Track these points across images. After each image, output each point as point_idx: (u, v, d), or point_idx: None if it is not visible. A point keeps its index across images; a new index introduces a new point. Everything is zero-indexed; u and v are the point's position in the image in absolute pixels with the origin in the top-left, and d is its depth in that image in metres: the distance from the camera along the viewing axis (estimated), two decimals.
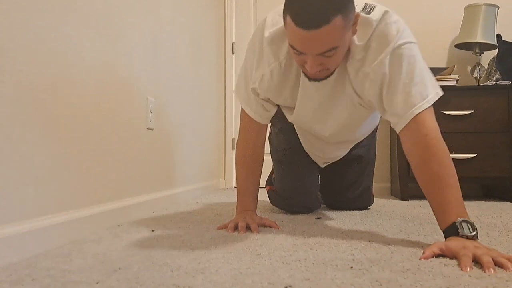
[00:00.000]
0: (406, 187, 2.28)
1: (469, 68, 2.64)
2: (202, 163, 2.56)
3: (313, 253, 0.90)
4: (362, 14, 1.03)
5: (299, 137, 1.51)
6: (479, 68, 2.49)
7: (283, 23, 1.03)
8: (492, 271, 0.74)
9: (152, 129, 1.71)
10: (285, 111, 1.35)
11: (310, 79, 1.08)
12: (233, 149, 3.14)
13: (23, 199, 0.91)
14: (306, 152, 1.55)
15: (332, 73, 1.07)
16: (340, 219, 1.44)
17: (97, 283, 0.69)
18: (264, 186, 1.73)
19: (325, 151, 1.52)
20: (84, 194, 1.17)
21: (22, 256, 0.87)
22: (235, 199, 1.32)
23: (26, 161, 0.92)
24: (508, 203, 2.10)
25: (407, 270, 0.76)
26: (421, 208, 1.81)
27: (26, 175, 0.92)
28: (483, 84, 2.41)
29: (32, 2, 0.94)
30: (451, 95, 2.26)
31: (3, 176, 0.85)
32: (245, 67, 1.24)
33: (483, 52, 2.53)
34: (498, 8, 2.46)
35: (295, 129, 1.49)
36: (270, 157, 1.65)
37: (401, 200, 2.25)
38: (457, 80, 2.32)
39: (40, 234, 0.93)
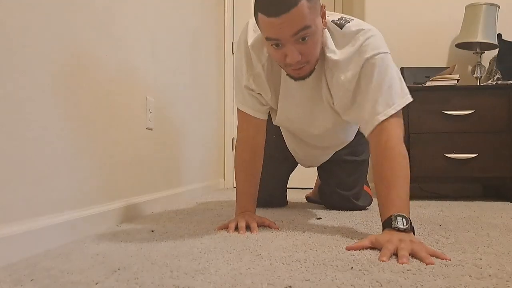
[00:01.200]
0: None
1: (469, 68, 2.64)
2: (201, 163, 2.56)
3: (313, 253, 0.90)
4: (337, 23, 1.14)
5: (285, 140, 1.62)
6: (479, 68, 2.48)
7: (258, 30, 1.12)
8: (404, 260, 0.80)
9: (151, 129, 1.71)
10: (271, 113, 1.38)
11: (295, 78, 1.13)
12: (233, 149, 3.14)
13: (23, 199, 0.90)
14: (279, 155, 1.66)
15: (313, 70, 1.11)
16: (340, 219, 1.44)
17: (97, 283, 0.69)
18: None
19: (309, 154, 1.62)
20: (84, 194, 1.17)
21: (21, 256, 0.86)
22: (235, 199, 1.32)
23: (26, 161, 0.92)
24: (508, 203, 2.09)
25: (408, 270, 0.76)
26: (421, 209, 1.81)
27: (26, 175, 0.92)
28: (484, 84, 2.41)
29: (31, 1, 0.94)
30: (451, 95, 2.26)
31: (3, 176, 0.84)
32: (236, 70, 1.28)
33: (484, 52, 2.53)
34: (499, 7, 2.46)
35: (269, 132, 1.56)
36: None
37: None
38: (458, 80, 2.32)
39: (40, 234, 0.93)
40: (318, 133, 1.38)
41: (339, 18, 1.15)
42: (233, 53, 3.11)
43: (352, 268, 0.78)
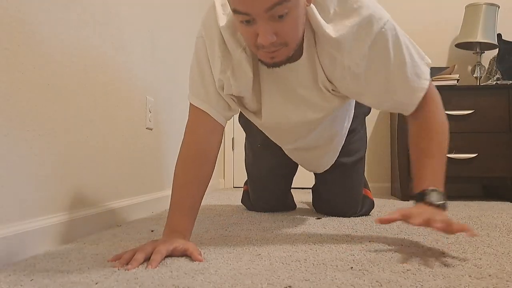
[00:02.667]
0: (407, 187, 2.27)
1: (469, 68, 2.64)
2: None
3: (313, 253, 0.90)
4: None
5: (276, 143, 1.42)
6: (479, 68, 2.49)
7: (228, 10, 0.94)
8: (438, 225, 0.79)
9: (151, 129, 1.71)
10: (252, 116, 1.15)
11: (269, 65, 0.92)
12: (233, 149, 3.14)
13: (22, 199, 0.90)
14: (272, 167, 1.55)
15: (294, 56, 0.92)
16: (340, 219, 1.44)
17: (96, 283, 0.69)
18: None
19: (303, 158, 1.46)
20: (84, 194, 1.17)
21: (21, 257, 0.86)
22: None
23: (26, 161, 0.92)
24: (508, 203, 2.09)
25: (407, 270, 0.76)
26: None
27: (26, 175, 0.92)
28: (484, 83, 2.41)
29: (30, 1, 0.94)
30: (451, 95, 2.26)
31: (2, 176, 0.84)
32: (200, 60, 1.02)
33: (484, 52, 2.53)
34: (499, 7, 2.46)
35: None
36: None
37: (402, 200, 2.25)
38: (458, 80, 2.32)
39: (39, 234, 0.93)
40: (310, 125, 1.18)
41: None
42: None
43: (352, 268, 0.78)
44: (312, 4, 0.90)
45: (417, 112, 1.00)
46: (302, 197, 2.24)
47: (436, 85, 2.40)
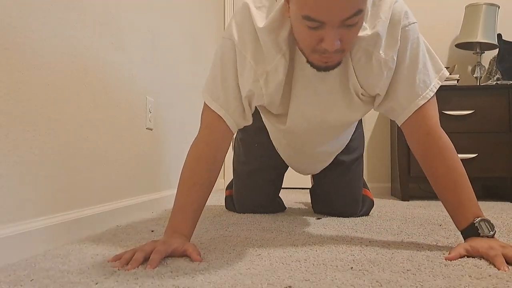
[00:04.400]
0: (407, 187, 2.27)
1: (469, 68, 2.64)
2: None
3: (313, 253, 0.90)
4: None
5: (278, 148, 1.45)
6: (479, 68, 2.49)
7: (271, 10, 0.93)
8: None
9: (151, 129, 1.71)
10: (274, 120, 1.15)
11: (319, 68, 0.91)
12: (233, 149, 3.13)
13: (22, 199, 0.90)
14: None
15: (341, 61, 0.92)
16: (340, 219, 1.43)
17: (96, 283, 0.69)
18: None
19: (306, 162, 1.45)
20: (83, 194, 1.17)
21: (21, 257, 0.86)
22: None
23: (26, 161, 0.92)
24: (508, 203, 2.09)
25: (408, 270, 0.76)
26: (421, 209, 1.81)
27: (26, 175, 0.92)
28: (484, 84, 2.41)
29: (30, 1, 0.94)
30: (451, 95, 2.26)
31: (2, 176, 0.84)
32: (225, 63, 0.99)
33: (484, 52, 2.53)
34: (499, 7, 2.46)
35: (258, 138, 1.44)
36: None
37: (402, 200, 2.25)
38: (458, 80, 2.32)
39: (39, 235, 0.93)
40: (329, 132, 1.19)
41: None
42: None
43: (352, 268, 0.78)
44: None
45: (415, 128, 0.98)
46: (301, 198, 2.24)
47: None
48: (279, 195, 1.69)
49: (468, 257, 0.85)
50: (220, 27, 3.10)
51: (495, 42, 2.42)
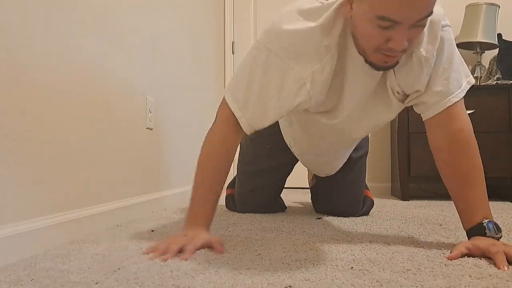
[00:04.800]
0: (407, 187, 2.27)
1: (469, 68, 2.64)
2: None
3: (313, 253, 0.90)
4: None
5: (300, 148, 1.43)
6: (479, 68, 2.48)
7: (318, 15, 0.93)
8: None
9: (151, 129, 1.71)
10: (319, 116, 1.14)
11: (379, 68, 0.93)
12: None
13: (22, 199, 0.90)
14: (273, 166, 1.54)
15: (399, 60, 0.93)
16: (340, 219, 1.44)
17: (96, 283, 0.69)
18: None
19: (324, 162, 1.44)
20: (83, 194, 1.17)
21: (21, 256, 0.86)
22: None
23: (26, 161, 0.92)
24: (509, 203, 2.09)
25: (408, 270, 0.76)
26: (421, 208, 1.81)
27: (26, 175, 0.92)
28: (484, 83, 2.41)
29: (30, 1, 0.94)
30: None
31: (2, 176, 0.84)
32: (253, 69, 0.99)
33: (484, 52, 2.53)
34: (499, 7, 2.46)
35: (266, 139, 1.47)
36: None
37: (402, 200, 2.25)
38: None
39: (39, 234, 0.93)
40: (361, 130, 1.19)
41: None
42: (233, 53, 3.10)
43: (352, 268, 0.78)
44: None
45: (448, 123, 0.98)
46: (301, 197, 2.24)
47: None
48: (280, 195, 1.69)
49: (469, 256, 0.86)
50: (220, 27, 3.10)
51: (495, 42, 2.42)
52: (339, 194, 1.50)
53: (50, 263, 0.82)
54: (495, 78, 2.43)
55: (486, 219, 0.91)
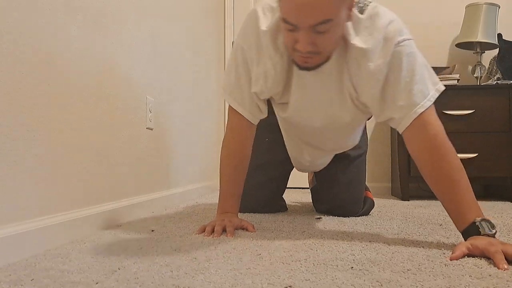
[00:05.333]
0: (407, 187, 2.27)
1: (469, 68, 2.64)
2: (202, 163, 2.56)
3: (313, 253, 0.90)
4: (356, 9, 1.02)
5: (286, 143, 1.50)
6: (480, 68, 2.48)
7: (276, 13, 1.05)
8: None
9: (151, 129, 1.71)
10: (278, 108, 1.27)
11: (300, 67, 1.03)
12: None
13: (22, 199, 0.90)
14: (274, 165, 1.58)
15: (324, 62, 1.02)
16: (340, 219, 1.44)
17: (97, 283, 0.69)
18: None
19: (313, 156, 1.47)
20: (84, 194, 1.17)
21: (21, 256, 0.86)
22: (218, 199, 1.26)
23: (26, 161, 0.92)
24: (509, 203, 2.09)
25: (408, 270, 0.76)
26: (421, 208, 1.81)
27: (26, 175, 0.92)
28: (484, 83, 2.41)
29: (31, 1, 0.94)
30: (451, 95, 2.26)
31: (2, 176, 0.84)
32: (237, 65, 1.15)
33: (484, 52, 2.53)
34: (499, 7, 2.46)
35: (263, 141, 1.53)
36: None
37: (402, 200, 2.25)
38: (458, 80, 2.32)
39: (39, 234, 0.93)
40: (332, 130, 1.27)
41: (357, 1, 1.04)
42: None
43: (352, 268, 0.78)
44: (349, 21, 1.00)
45: (421, 132, 1.01)
46: (301, 197, 2.24)
47: None
48: (283, 196, 1.70)
49: (469, 256, 0.86)
50: (220, 27, 3.10)
51: (495, 41, 2.42)
52: (338, 194, 1.50)
53: (50, 263, 0.82)
54: (495, 78, 2.43)
55: (478, 217, 0.92)
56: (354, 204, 1.51)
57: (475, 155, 2.20)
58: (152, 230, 1.19)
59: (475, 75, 2.49)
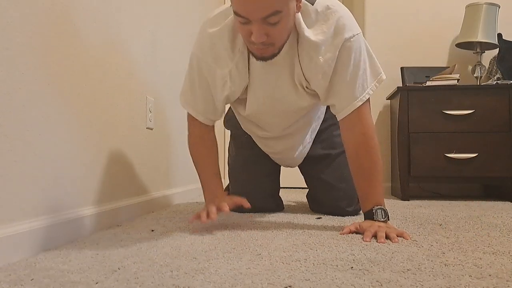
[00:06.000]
0: (407, 187, 2.27)
1: (469, 68, 2.64)
2: None
3: (313, 253, 0.90)
4: (305, 1, 1.09)
5: (255, 140, 1.54)
6: (480, 68, 2.48)
7: (228, 15, 1.11)
8: (382, 240, 1.01)
9: (151, 129, 1.71)
10: (238, 106, 1.35)
11: (257, 58, 1.09)
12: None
13: (22, 199, 0.90)
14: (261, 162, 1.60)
15: (278, 52, 1.08)
16: (340, 219, 1.44)
17: (97, 283, 0.69)
18: None
19: (278, 148, 1.50)
20: (84, 194, 1.17)
21: (21, 256, 0.86)
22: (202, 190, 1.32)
23: (26, 161, 0.92)
24: (509, 203, 2.09)
25: (408, 270, 0.76)
26: (421, 208, 1.81)
27: (26, 175, 0.92)
28: (484, 83, 2.41)
29: (31, 0, 0.94)
30: (452, 95, 2.26)
31: (2, 176, 0.84)
32: (191, 72, 1.24)
33: (484, 52, 2.53)
34: (499, 7, 2.46)
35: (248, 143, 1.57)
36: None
37: (402, 200, 2.25)
38: (458, 80, 2.32)
39: (39, 234, 0.93)
40: (290, 118, 1.33)
41: None
42: None
43: (352, 268, 0.78)
44: (299, 12, 1.08)
45: (354, 127, 1.17)
46: (301, 197, 2.24)
47: (436, 85, 2.40)
48: (280, 195, 1.70)
49: (357, 233, 1.11)
50: None
51: (495, 41, 2.42)
52: (324, 191, 1.54)
53: (50, 263, 0.82)
54: (495, 78, 2.43)
55: (377, 206, 1.14)
56: (342, 200, 1.50)
57: (475, 155, 2.20)
58: (152, 230, 1.19)
59: (475, 75, 2.49)
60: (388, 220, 1.14)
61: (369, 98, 1.16)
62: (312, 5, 1.10)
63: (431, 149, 2.23)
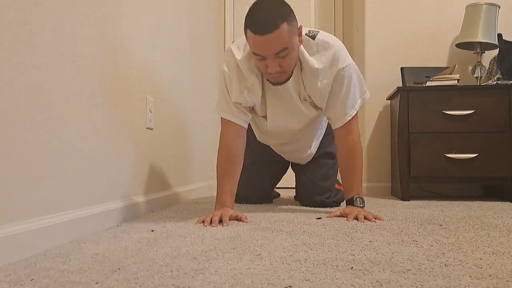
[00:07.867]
0: (407, 187, 2.27)
1: (470, 68, 2.64)
2: (201, 163, 2.56)
3: (313, 253, 0.90)
4: (309, 35, 1.42)
5: (271, 146, 1.86)
6: (480, 68, 2.48)
7: (246, 47, 1.40)
8: (362, 220, 1.35)
9: (151, 129, 1.71)
10: (260, 122, 1.67)
11: (274, 84, 1.44)
12: None
13: (22, 199, 0.90)
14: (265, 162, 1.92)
15: (289, 78, 1.43)
16: (340, 219, 1.44)
17: (96, 283, 0.69)
18: None
19: (288, 150, 1.84)
20: (84, 194, 1.17)
21: (21, 256, 0.86)
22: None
23: (25, 160, 0.92)
24: (509, 203, 2.09)
25: (408, 270, 0.76)
26: (421, 208, 1.81)
27: (26, 175, 0.92)
28: (484, 84, 2.40)
29: (31, 0, 0.94)
30: (452, 95, 2.26)
31: (2, 176, 0.84)
32: (222, 86, 1.51)
33: (484, 52, 2.53)
34: (499, 7, 2.46)
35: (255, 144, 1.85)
36: None
37: (402, 200, 2.25)
38: (458, 80, 2.32)
39: (39, 234, 0.93)
40: (301, 126, 1.63)
41: (309, 31, 1.44)
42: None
43: (352, 268, 0.78)
44: (301, 44, 1.40)
45: (346, 136, 1.53)
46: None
47: (436, 85, 2.40)
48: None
49: (342, 217, 1.44)
50: (220, 28, 3.10)
51: (496, 42, 2.42)
52: (308, 175, 1.86)
53: (50, 263, 0.82)
54: (495, 78, 2.43)
55: (356, 195, 1.51)
56: (325, 192, 1.81)
57: (475, 155, 2.20)
58: (152, 230, 1.19)
59: (475, 75, 2.49)
60: (364, 206, 1.50)
61: (357, 113, 1.53)
62: (313, 40, 1.42)
63: (431, 149, 2.23)
